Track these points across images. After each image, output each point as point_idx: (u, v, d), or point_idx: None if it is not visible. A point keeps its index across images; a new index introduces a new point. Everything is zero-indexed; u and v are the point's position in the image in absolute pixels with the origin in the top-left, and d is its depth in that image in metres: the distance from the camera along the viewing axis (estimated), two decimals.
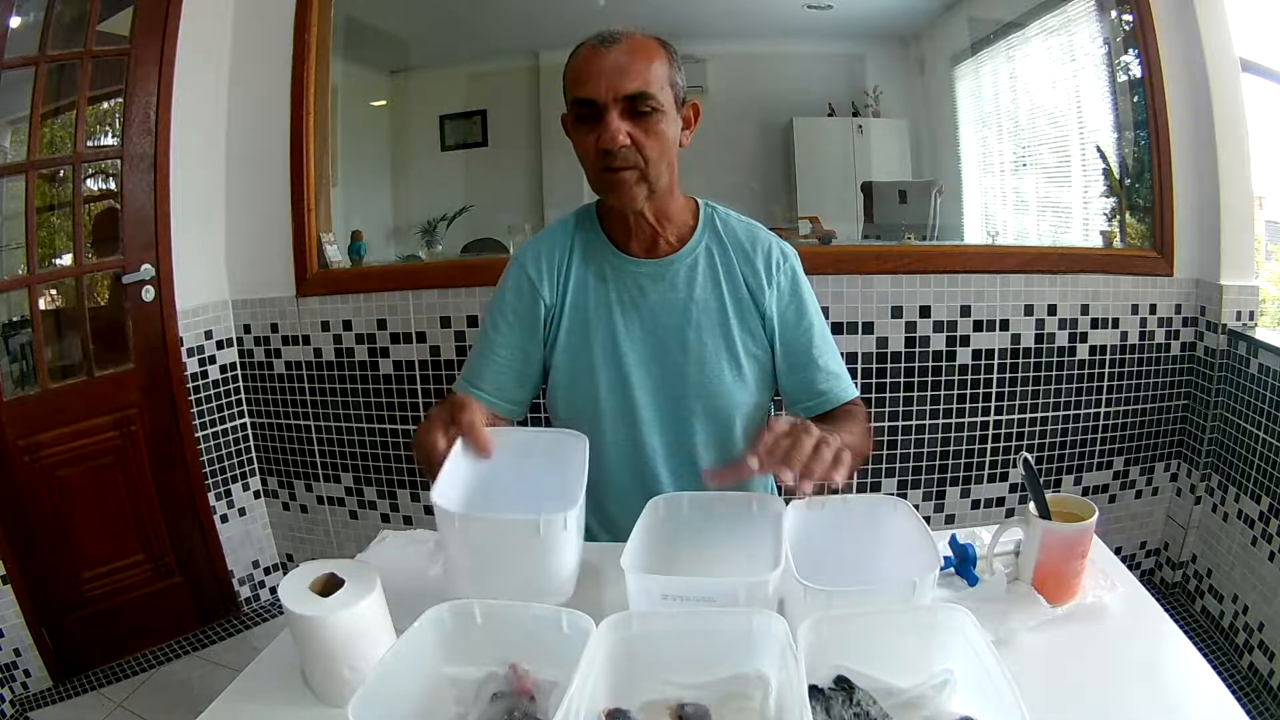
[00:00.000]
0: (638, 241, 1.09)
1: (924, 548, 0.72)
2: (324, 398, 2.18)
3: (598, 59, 0.97)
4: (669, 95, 0.99)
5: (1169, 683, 0.70)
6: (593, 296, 1.10)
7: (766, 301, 1.09)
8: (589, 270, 1.10)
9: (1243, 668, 1.77)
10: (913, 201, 2.46)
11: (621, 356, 1.09)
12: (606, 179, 1.00)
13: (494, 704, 0.64)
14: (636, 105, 0.96)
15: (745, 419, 1.13)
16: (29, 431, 1.83)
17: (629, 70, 0.96)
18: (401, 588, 0.78)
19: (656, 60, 0.98)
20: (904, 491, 2.03)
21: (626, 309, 1.09)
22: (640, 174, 0.99)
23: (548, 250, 1.11)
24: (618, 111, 0.96)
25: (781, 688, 0.62)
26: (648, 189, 1.01)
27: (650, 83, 0.96)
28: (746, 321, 1.09)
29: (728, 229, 1.11)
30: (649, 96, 0.96)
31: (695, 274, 1.09)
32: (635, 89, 0.96)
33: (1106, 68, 2.11)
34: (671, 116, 1.00)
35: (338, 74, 2.21)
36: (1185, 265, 1.94)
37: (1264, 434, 1.73)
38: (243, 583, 2.24)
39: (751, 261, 1.09)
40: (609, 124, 0.96)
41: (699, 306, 1.08)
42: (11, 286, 1.88)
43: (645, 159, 0.98)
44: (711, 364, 1.08)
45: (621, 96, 0.95)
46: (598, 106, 0.96)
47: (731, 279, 1.09)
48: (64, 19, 1.83)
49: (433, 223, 2.57)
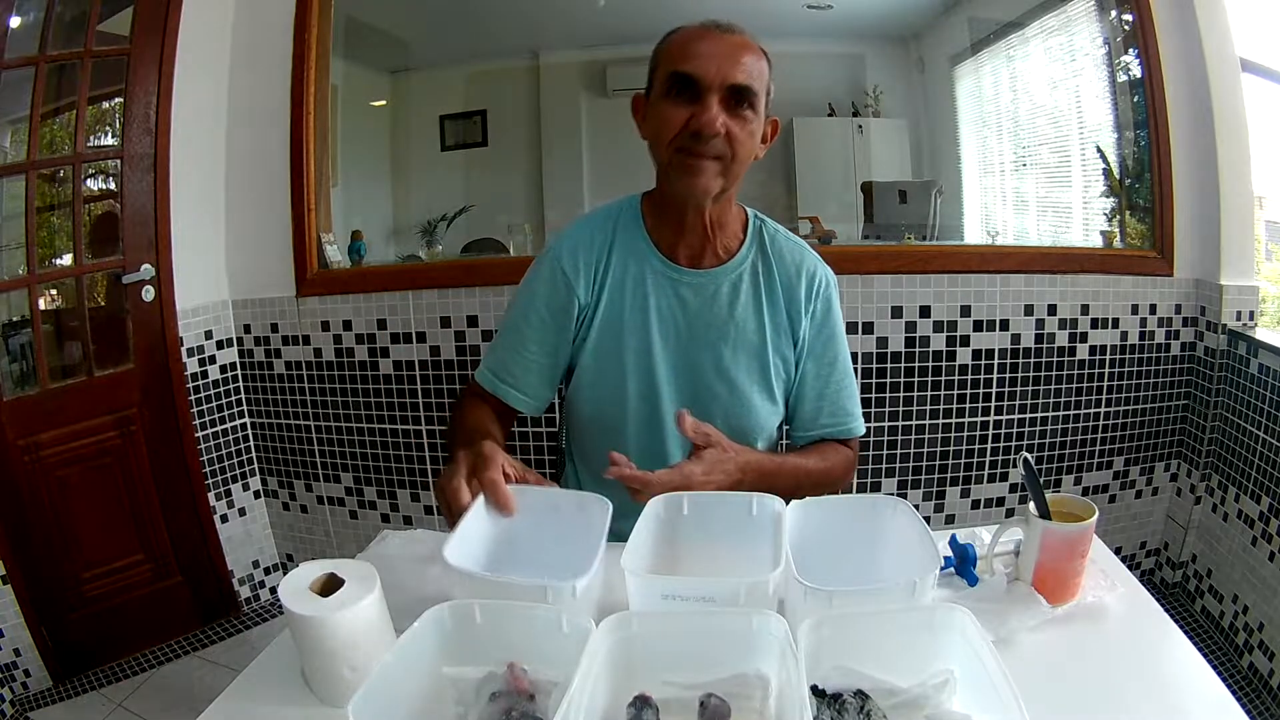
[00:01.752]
0: (685, 246, 1.05)
1: (924, 548, 0.72)
2: (324, 398, 2.18)
3: (710, 40, 0.95)
4: (763, 101, 0.98)
5: (1169, 683, 0.70)
6: (630, 300, 1.06)
7: (801, 328, 1.08)
8: (628, 272, 1.06)
9: (1243, 668, 1.77)
10: (913, 201, 2.47)
11: (654, 367, 1.06)
12: (687, 162, 0.96)
13: (494, 704, 0.64)
14: (739, 97, 0.94)
15: (767, 439, 1.13)
16: (29, 431, 1.83)
17: (740, 61, 0.94)
18: (401, 588, 0.78)
19: (762, 61, 0.97)
20: (904, 491, 2.03)
21: (664, 318, 1.06)
22: (723, 166, 0.96)
23: (585, 244, 1.07)
24: (719, 98, 0.93)
25: (781, 688, 0.62)
26: (723, 184, 0.98)
27: (755, 80, 0.95)
28: (781, 346, 1.08)
29: (775, 247, 1.08)
30: (753, 93, 0.94)
31: (739, 292, 1.06)
32: (743, 81, 0.94)
33: (1106, 68, 2.11)
34: (761, 119, 0.98)
35: (338, 74, 2.21)
36: (1185, 265, 1.94)
37: (1264, 434, 1.74)
38: (243, 583, 2.24)
39: (794, 285, 1.07)
40: (709, 106, 0.93)
41: (738, 326, 1.06)
42: (11, 286, 1.88)
43: (733, 153, 0.96)
44: (743, 385, 1.07)
45: (728, 84, 0.93)
46: (699, 87, 0.93)
47: (773, 301, 1.07)
48: (64, 19, 1.82)
49: (433, 223, 2.57)
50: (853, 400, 1.12)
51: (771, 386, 1.08)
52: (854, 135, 2.65)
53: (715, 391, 1.07)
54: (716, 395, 1.07)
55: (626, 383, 1.07)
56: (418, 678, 0.64)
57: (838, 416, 1.11)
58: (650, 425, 1.08)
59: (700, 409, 1.06)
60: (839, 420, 1.11)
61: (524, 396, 1.08)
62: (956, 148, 2.63)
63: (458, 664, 0.66)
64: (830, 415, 1.10)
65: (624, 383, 1.07)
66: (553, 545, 0.80)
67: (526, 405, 1.08)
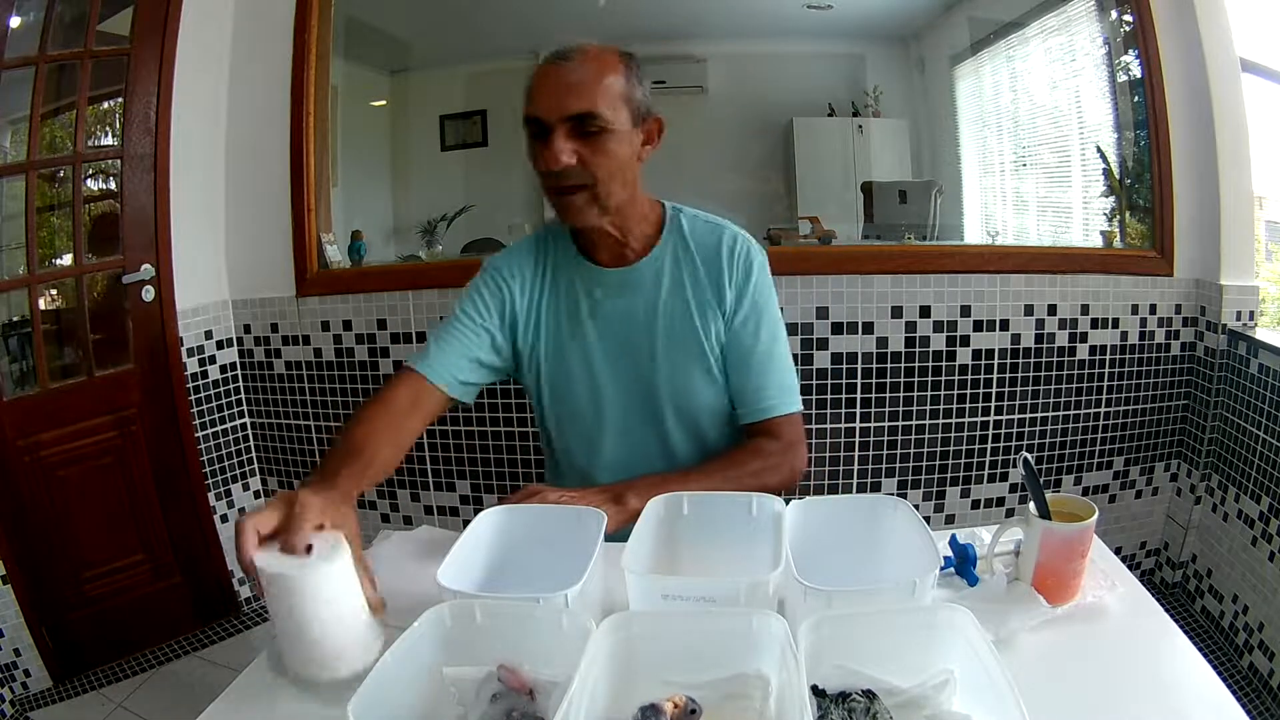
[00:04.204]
0: (604, 251, 1.09)
1: (924, 548, 0.72)
2: (324, 398, 2.17)
3: (549, 77, 0.96)
4: (623, 112, 0.97)
5: (1169, 683, 0.70)
6: (565, 309, 1.11)
7: (727, 298, 1.08)
8: (560, 284, 1.11)
9: (1243, 668, 1.77)
10: (913, 201, 2.46)
11: (594, 367, 1.10)
12: (556, 200, 1.00)
13: (494, 704, 0.64)
14: (584, 125, 0.95)
15: (718, 421, 1.13)
16: (29, 431, 1.83)
17: (577, 89, 0.94)
18: (401, 588, 0.78)
19: (610, 76, 0.96)
20: (904, 491, 2.03)
21: (599, 319, 1.10)
22: (590, 193, 0.98)
23: (520, 260, 1.12)
24: (564, 131, 0.95)
25: (781, 688, 0.62)
26: (599, 208, 1.00)
27: (599, 101, 0.95)
28: (711, 322, 1.09)
29: (693, 230, 1.10)
30: (596, 116, 0.95)
31: (661, 279, 1.09)
32: (581, 109, 0.94)
33: (1106, 68, 2.11)
34: (625, 134, 0.98)
35: (338, 74, 2.21)
36: (1185, 265, 1.94)
37: (1264, 434, 1.73)
38: (243, 583, 2.24)
39: (715, 260, 1.08)
40: (551, 144, 0.95)
41: (666, 312, 1.08)
42: (11, 286, 1.88)
43: (595, 178, 0.97)
44: (682, 370, 1.09)
45: (567, 116, 0.94)
46: (545, 125, 0.96)
47: (696, 279, 1.09)
48: (64, 19, 1.82)
49: (433, 223, 2.57)
50: (781, 373, 1.10)
51: (710, 366, 1.09)
52: (854, 135, 2.65)
53: (657, 380, 1.10)
54: (659, 384, 1.10)
55: (575, 387, 1.11)
56: (418, 678, 0.64)
57: (760, 394, 1.08)
58: (600, 423, 1.12)
59: (645, 399, 1.10)
60: (761, 397, 1.08)
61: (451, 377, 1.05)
62: (956, 148, 2.63)
63: (458, 664, 0.66)
64: (756, 391, 1.09)
65: (573, 388, 1.11)
66: (550, 558, 0.80)
67: (452, 387, 1.06)
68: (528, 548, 0.84)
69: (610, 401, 1.11)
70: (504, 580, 0.82)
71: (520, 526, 0.85)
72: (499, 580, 0.81)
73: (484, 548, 0.82)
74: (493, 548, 0.83)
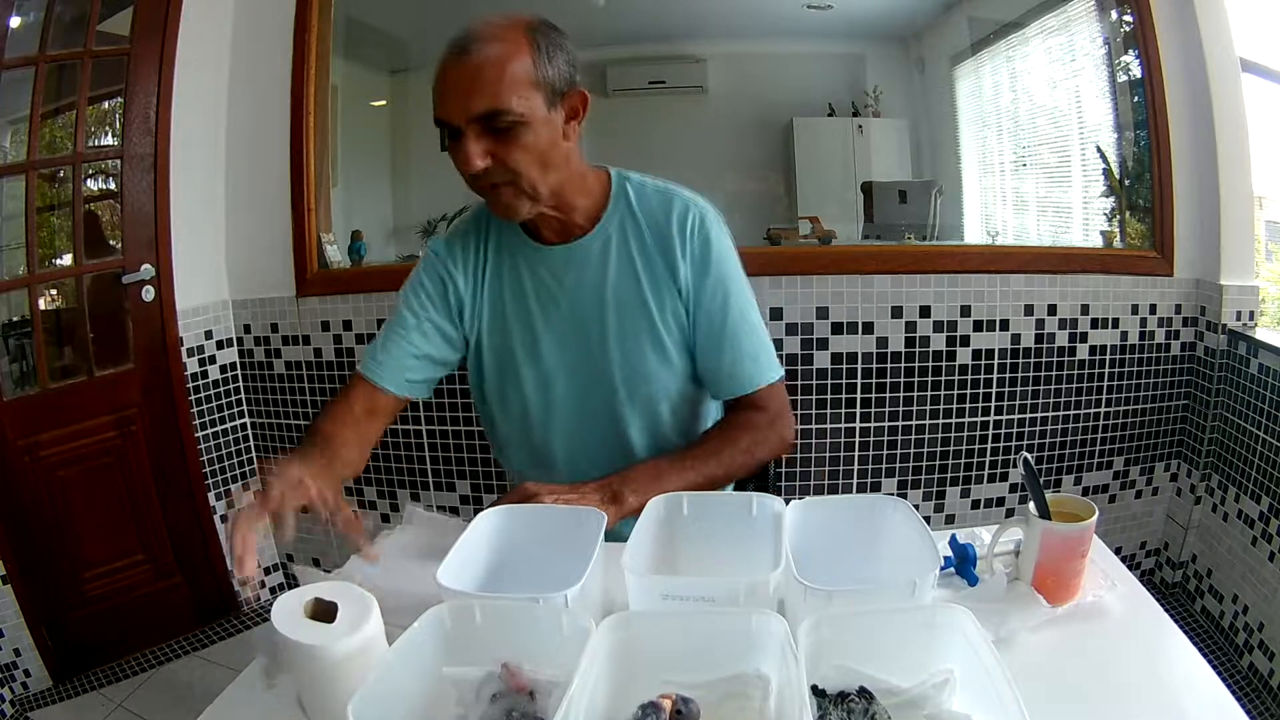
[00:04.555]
0: (547, 228, 1.02)
1: (924, 548, 0.72)
2: (324, 398, 2.18)
3: (450, 73, 0.88)
4: (535, 99, 0.89)
5: (1169, 683, 0.70)
6: (509, 291, 1.05)
7: (681, 274, 1.01)
8: (503, 263, 1.05)
9: (1243, 668, 1.77)
10: (913, 201, 2.46)
11: (541, 351, 1.04)
12: (485, 197, 0.96)
13: (494, 704, 0.64)
14: (493, 123, 0.88)
15: (674, 403, 1.07)
16: (29, 431, 1.83)
17: (477, 85, 0.86)
18: (401, 588, 0.78)
19: (515, 62, 0.88)
20: (904, 491, 2.03)
21: (544, 300, 1.04)
22: (515, 188, 0.93)
23: (461, 241, 1.06)
24: (474, 133, 0.88)
25: (781, 688, 0.62)
26: (528, 200, 0.94)
27: (504, 96, 0.87)
28: (664, 298, 1.02)
29: (641, 198, 1.03)
30: (503, 112, 0.87)
31: (608, 254, 1.02)
32: (486, 106, 0.87)
33: (1106, 68, 2.11)
34: (540, 121, 0.90)
35: (338, 74, 2.21)
36: (1185, 265, 1.94)
37: (1264, 434, 1.73)
38: (242, 583, 2.24)
39: (665, 230, 1.01)
40: (463, 147, 0.88)
41: (615, 289, 1.02)
42: (11, 286, 1.88)
43: (516, 173, 0.91)
44: (634, 349, 1.03)
45: (472, 116, 0.87)
46: (454, 128, 0.89)
47: (645, 253, 1.01)
48: (64, 19, 1.83)
49: (433, 223, 2.57)
50: (756, 343, 1.04)
51: (664, 345, 1.03)
52: (854, 135, 2.65)
53: (607, 361, 1.04)
54: (609, 365, 1.04)
55: (521, 372, 1.06)
56: (418, 678, 0.64)
57: (738, 365, 1.03)
58: (550, 410, 1.07)
59: (595, 381, 1.05)
60: (740, 368, 1.03)
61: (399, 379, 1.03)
62: (956, 148, 2.63)
63: (458, 664, 0.66)
64: (734, 364, 1.03)
65: (519, 373, 1.06)
66: (549, 558, 0.80)
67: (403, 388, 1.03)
68: (527, 548, 0.84)
69: (559, 390, 1.05)
70: (504, 580, 0.82)
71: (520, 527, 0.84)
72: (499, 580, 0.81)
73: (484, 548, 0.82)
74: (492, 548, 0.83)
